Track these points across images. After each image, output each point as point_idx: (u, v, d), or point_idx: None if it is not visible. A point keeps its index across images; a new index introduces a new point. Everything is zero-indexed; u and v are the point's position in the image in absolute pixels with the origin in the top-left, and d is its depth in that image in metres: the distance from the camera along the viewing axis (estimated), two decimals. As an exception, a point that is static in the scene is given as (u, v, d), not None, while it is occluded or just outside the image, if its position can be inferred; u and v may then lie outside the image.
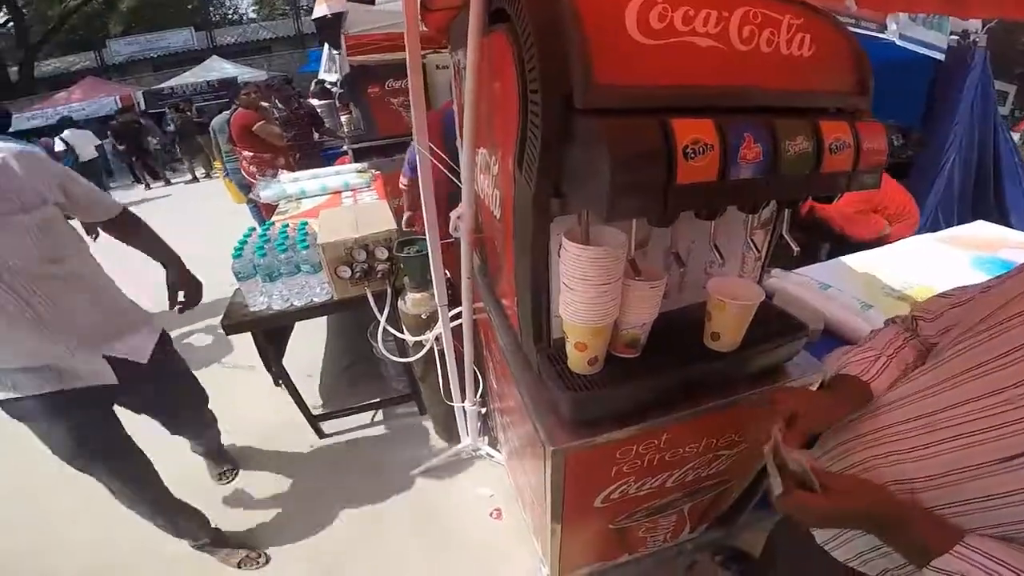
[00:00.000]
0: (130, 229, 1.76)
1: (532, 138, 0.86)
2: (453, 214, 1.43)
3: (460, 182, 1.36)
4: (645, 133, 0.74)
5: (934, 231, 2.47)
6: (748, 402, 1.21)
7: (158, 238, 1.84)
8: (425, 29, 1.47)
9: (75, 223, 1.63)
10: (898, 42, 3.33)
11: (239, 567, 2.07)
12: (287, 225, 2.32)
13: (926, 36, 3.46)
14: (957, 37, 3.61)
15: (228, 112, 4.86)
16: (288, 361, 2.57)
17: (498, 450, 2.42)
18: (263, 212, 4.28)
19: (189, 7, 23.79)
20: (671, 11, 0.81)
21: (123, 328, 1.66)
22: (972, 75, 3.61)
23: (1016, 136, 7.10)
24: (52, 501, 2.48)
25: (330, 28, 3.87)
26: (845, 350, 1.02)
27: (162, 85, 15.55)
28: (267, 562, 2.12)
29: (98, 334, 1.57)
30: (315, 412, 2.65)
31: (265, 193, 2.99)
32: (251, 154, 4.42)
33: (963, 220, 3.23)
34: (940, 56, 3.52)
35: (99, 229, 1.82)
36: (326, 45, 5.01)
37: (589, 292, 0.90)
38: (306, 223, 2.32)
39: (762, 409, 1.09)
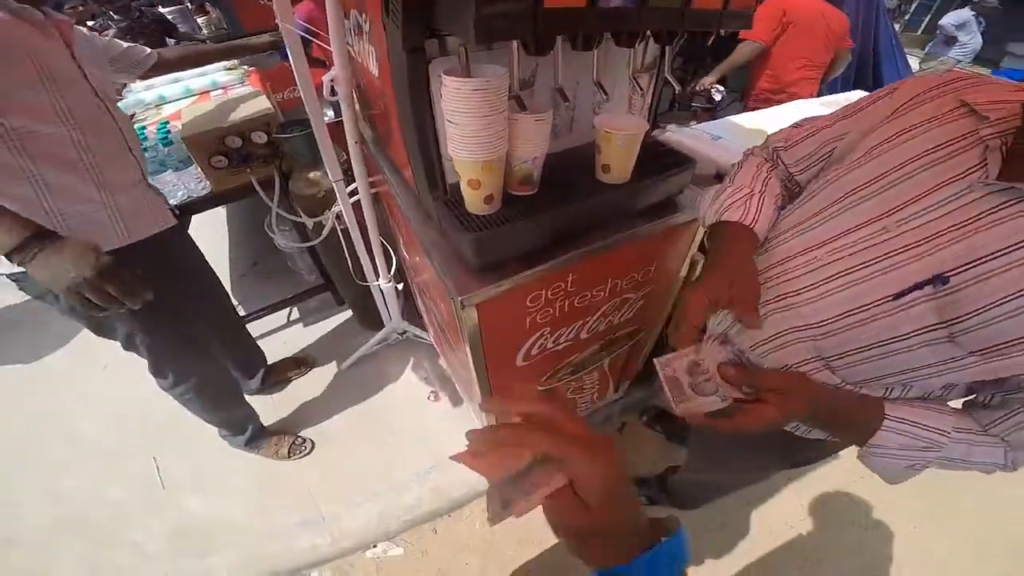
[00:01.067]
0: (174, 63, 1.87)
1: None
2: (325, 77, 1.33)
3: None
4: None
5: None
6: (644, 236, 1.25)
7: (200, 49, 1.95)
8: None
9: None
10: None
11: (289, 456, 2.20)
12: (144, 126, 2.11)
13: None
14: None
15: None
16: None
17: (424, 330, 2.44)
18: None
19: None
20: None
21: None
22: None
23: (897, 27, 7.46)
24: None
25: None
26: (717, 191, 1.00)
27: None
28: (313, 446, 2.24)
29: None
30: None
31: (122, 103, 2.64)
32: None
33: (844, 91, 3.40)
34: None
35: None
36: None
37: (473, 124, 0.88)
38: (166, 123, 2.11)
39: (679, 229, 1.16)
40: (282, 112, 2.11)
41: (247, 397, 2.16)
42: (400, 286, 2.15)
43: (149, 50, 1.76)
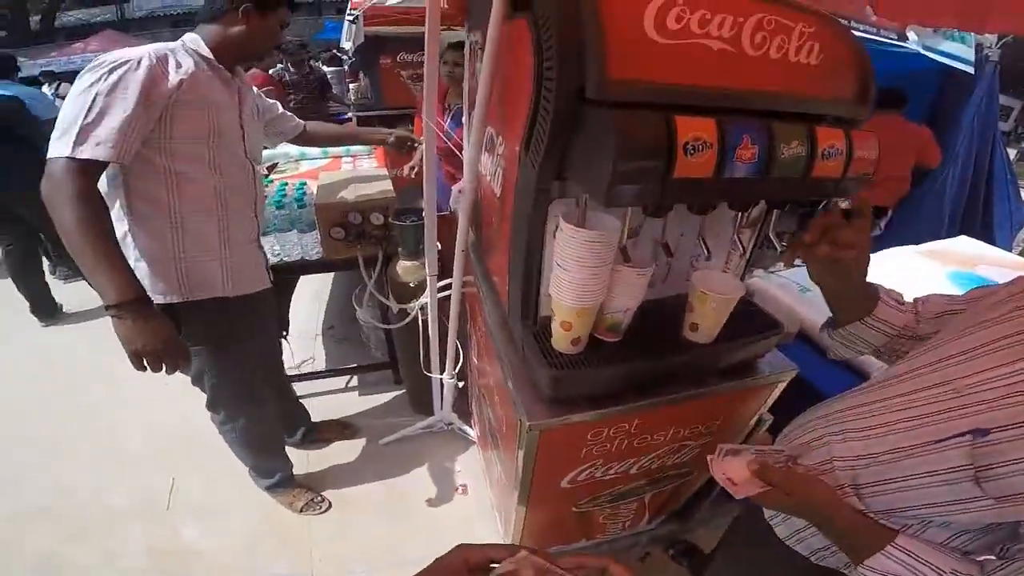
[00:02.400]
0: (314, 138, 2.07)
1: (542, 123, 0.89)
2: (455, 188, 1.45)
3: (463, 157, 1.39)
4: (649, 127, 0.77)
5: (919, 243, 2.48)
6: (719, 394, 1.26)
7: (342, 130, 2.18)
8: (445, 6, 1.48)
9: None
10: (923, 52, 3.27)
11: (302, 510, 2.21)
12: (286, 183, 2.33)
13: (948, 47, 3.36)
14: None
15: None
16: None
17: (471, 426, 2.45)
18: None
19: None
20: (688, 13, 0.83)
21: None
22: (979, 89, 3.62)
23: (1012, 152, 7.14)
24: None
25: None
26: None
27: None
28: (329, 507, 2.25)
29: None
30: (288, 372, 2.58)
31: (265, 152, 2.97)
32: None
33: (951, 235, 3.31)
34: (969, 68, 3.43)
35: None
36: (346, 15, 5.05)
37: (580, 273, 0.94)
38: (304, 183, 2.33)
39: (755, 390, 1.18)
40: (395, 188, 2.28)
41: (287, 448, 2.22)
42: (461, 384, 2.20)
43: (297, 120, 1.96)
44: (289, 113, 1.94)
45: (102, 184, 1.29)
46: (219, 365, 1.65)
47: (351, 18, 4.50)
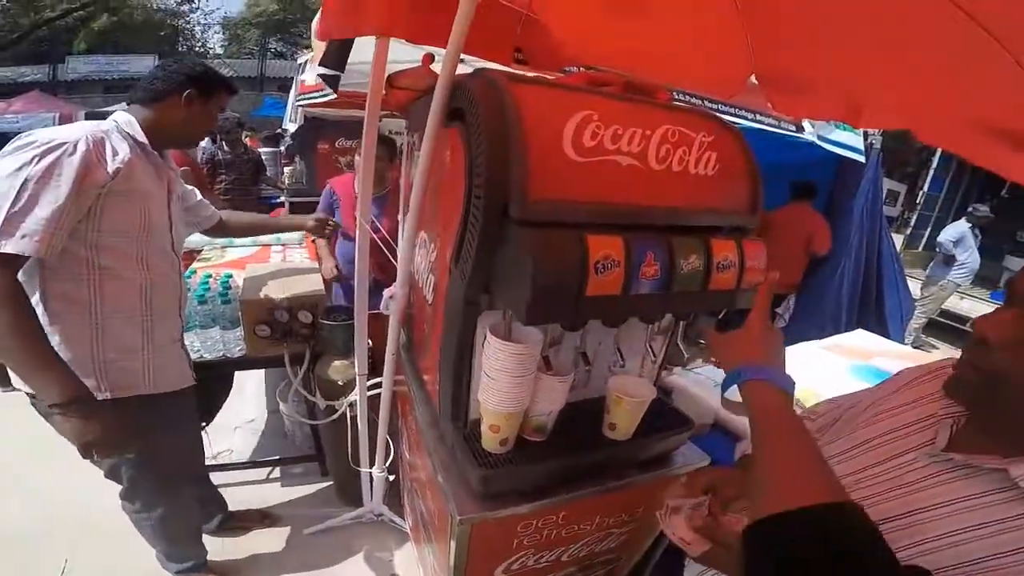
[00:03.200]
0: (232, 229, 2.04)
1: (471, 239, 0.97)
2: (387, 292, 1.52)
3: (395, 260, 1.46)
4: (565, 248, 0.87)
5: (821, 337, 2.78)
6: (638, 485, 1.34)
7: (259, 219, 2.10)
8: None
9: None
10: (816, 141, 3.52)
11: None
12: (209, 275, 2.30)
13: (835, 135, 3.60)
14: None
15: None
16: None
17: (403, 517, 2.41)
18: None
19: (160, 33, 23.45)
20: (603, 129, 0.95)
21: None
22: (866, 177, 3.86)
23: (899, 239, 7.78)
24: None
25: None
26: None
27: (108, 108, 14.60)
28: None
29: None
30: (208, 462, 2.52)
31: (191, 238, 2.92)
32: None
33: (848, 327, 3.59)
34: (860, 157, 3.70)
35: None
36: (291, 93, 5.03)
37: (507, 382, 1.02)
38: (230, 275, 2.31)
39: (671, 480, 1.24)
40: (325, 281, 2.31)
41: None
42: (391, 477, 2.19)
43: (214, 210, 1.93)
44: (206, 201, 1.90)
45: None
46: (139, 458, 1.58)
47: (301, 101, 4.49)
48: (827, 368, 2.33)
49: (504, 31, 1.65)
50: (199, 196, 1.86)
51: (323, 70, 1.55)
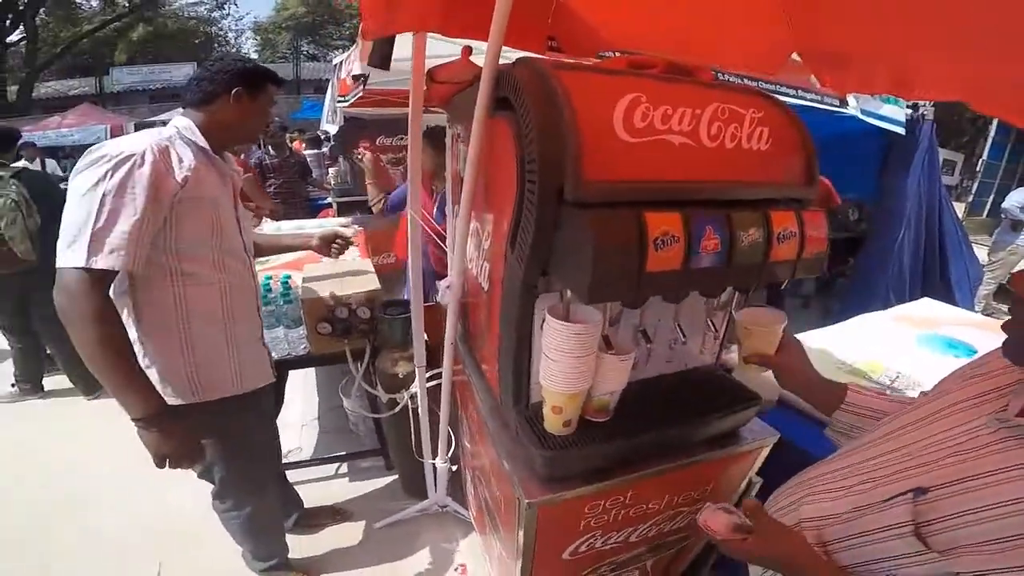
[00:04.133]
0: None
1: (527, 224, 0.98)
2: (442, 284, 1.53)
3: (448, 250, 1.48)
4: (623, 226, 0.87)
5: (884, 309, 2.70)
6: (706, 462, 1.33)
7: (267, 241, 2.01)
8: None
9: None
10: (860, 116, 3.51)
11: None
12: (270, 277, 2.38)
13: (883, 109, 3.63)
14: (910, 110, 3.78)
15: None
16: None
17: (466, 507, 2.45)
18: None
19: (196, 42, 24.32)
20: (652, 110, 0.95)
21: None
22: (920, 148, 3.80)
23: (960, 207, 7.48)
24: None
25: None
26: None
27: (155, 118, 15.18)
28: None
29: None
30: (280, 460, 2.65)
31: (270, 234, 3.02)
32: None
33: (913, 296, 3.46)
34: (900, 129, 3.71)
35: None
36: (327, 95, 5.08)
37: (568, 363, 1.02)
38: (288, 276, 2.39)
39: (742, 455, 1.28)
40: (377, 275, 2.37)
41: None
42: (454, 468, 2.23)
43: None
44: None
45: None
46: (229, 458, 1.66)
47: (341, 103, 4.55)
48: (893, 338, 2.25)
49: (536, 19, 1.64)
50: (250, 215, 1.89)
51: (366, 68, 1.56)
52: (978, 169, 9.14)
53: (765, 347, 1.22)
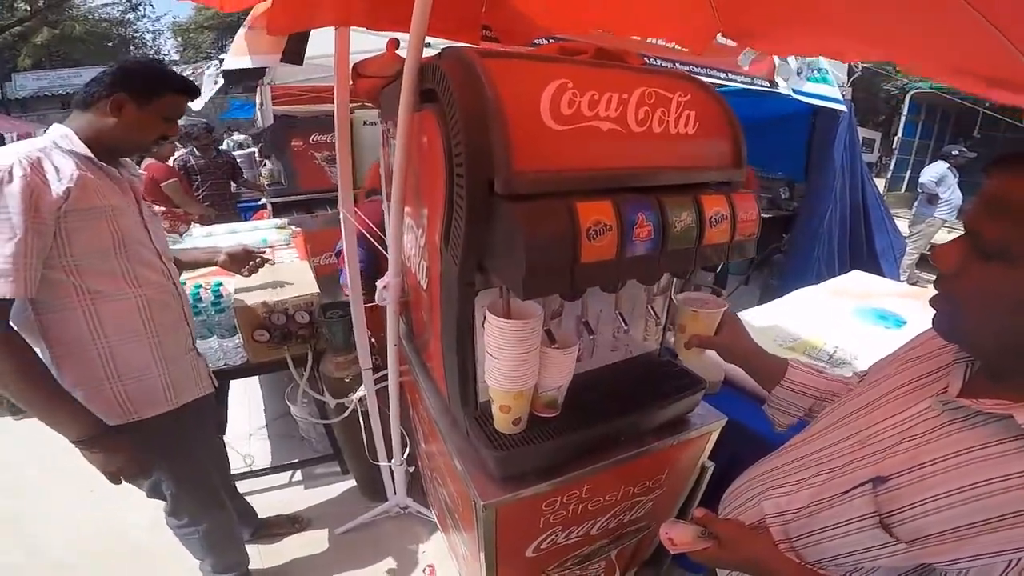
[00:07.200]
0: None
1: (458, 219, 0.95)
2: (380, 283, 1.48)
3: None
4: (555, 217, 0.84)
5: (818, 283, 2.80)
6: (658, 451, 1.32)
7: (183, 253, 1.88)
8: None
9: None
10: (793, 95, 3.55)
11: None
12: (199, 286, 2.24)
13: (815, 89, 3.70)
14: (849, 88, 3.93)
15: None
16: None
17: (428, 507, 2.41)
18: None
19: (109, 44, 22.77)
20: (579, 96, 0.93)
21: None
22: (841, 127, 3.96)
23: (880, 183, 7.92)
24: None
25: (247, 78, 3.82)
26: None
27: None
28: None
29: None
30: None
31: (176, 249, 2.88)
32: (162, 209, 4.07)
33: (844, 269, 3.61)
34: (841, 106, 3.83)
35: None
36: (258, 92, 4.90)
37: (512, 360, 0.99)
38: (220, 283, 2.26)
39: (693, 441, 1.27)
40: (316, 276, 2.27)
41: None
42: (411, 468, 2.18)
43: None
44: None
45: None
46: (177, 474, 1.59)
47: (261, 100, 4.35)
48: (831, 312, 2.33)
49: (469, 9, 1.60)
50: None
51: (259, 62, 1.50)
52: (894, 146, 9.63)
53: (704, 330, 1.22)
